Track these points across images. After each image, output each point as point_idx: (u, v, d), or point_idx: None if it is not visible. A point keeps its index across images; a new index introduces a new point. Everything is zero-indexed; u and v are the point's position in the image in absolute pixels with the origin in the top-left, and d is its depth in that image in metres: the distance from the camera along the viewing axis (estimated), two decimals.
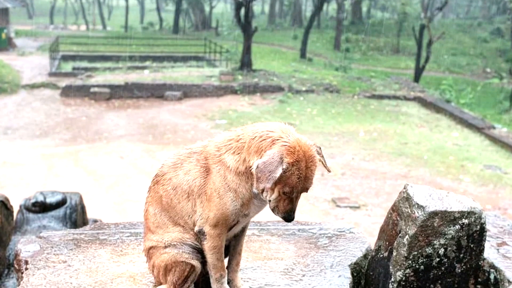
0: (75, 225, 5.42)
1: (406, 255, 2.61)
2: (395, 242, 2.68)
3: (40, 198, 5.54)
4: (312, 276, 2.82)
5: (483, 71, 36.96)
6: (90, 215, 6.74)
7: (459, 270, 2.68)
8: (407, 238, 2.61)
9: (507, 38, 43.91)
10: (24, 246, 3.02)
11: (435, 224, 2.57)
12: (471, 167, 15.24)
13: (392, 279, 2.67)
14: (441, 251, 2.61)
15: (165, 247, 2.49)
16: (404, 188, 2.72)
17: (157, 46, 36.09)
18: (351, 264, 2.95)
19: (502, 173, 14.89)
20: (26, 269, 2.81)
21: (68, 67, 29.40)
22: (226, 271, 2.56)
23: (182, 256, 2.46)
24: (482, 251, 2.72)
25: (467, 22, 53.85)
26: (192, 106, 22.10)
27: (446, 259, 2.63)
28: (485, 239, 2.70)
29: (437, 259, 2.62)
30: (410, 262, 2.62)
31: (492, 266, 2.83)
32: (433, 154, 16.38)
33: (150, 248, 2.56)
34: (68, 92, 22.91)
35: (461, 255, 2.65)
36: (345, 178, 13.97)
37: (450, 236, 2.59)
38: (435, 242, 2.59)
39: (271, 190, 2.26)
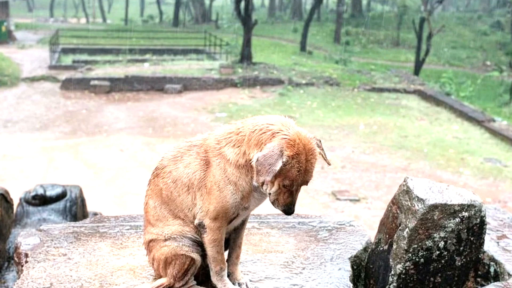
0: (75, 218, 5.43)
1: (406, 248, 2.61)
2: (395, 235, 2.68)
3: (40, 191, 5.54)
4: (312, 269, 2.82)
5: (483, 64, 36.90)
6: (90, 208, 6.74)
7: (459, 263, 2.68)
8: (407, 231, 2.61)
9: (507, 31, 43.81)
10: (24, 239, 3.02)
11: (435, 217, 2.57)
12: (471, 160, 15.24)
13: (392, 272, 2.67)
14: (441, 244, 2.61)
15: (165, 240, 2.49)
16: (404, 181, 2.71)
17: (157, 39, 36.00)
18: (351, 257, 2.95)
19: (502, 166, 14.89)
20: (26, 262, 2.80)
21: (68, 60, 29.38)
22: (226, 264, 2.56)
23: (182, 249, 2.46)
24: (482, 244, 2.72)
25: (467, 15, 53.70)
26: (192, 99, 22.08)
27: (446, 252, 2.63)
28: (485, 232, 2.70)
29: (437, 252, 2.62)
30: (410, 255, 2.62)
31: (492, 259, 2.83)
32: (433, 147, 16.38)
33: (150, 241, 2.55)
34: (68, 85, 22.88)
35: (461, 248, 2.65)
36: (345, 171, 13.97)
37: (450, 229, 2.59)
38: (435, 235, 2.59)
39: (271, 183, 2.26)
